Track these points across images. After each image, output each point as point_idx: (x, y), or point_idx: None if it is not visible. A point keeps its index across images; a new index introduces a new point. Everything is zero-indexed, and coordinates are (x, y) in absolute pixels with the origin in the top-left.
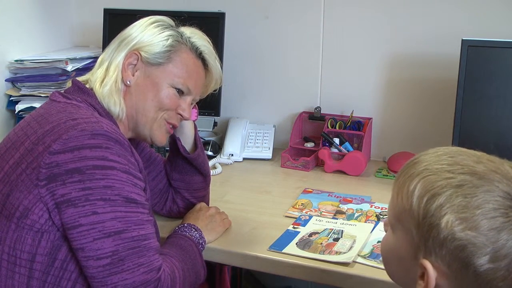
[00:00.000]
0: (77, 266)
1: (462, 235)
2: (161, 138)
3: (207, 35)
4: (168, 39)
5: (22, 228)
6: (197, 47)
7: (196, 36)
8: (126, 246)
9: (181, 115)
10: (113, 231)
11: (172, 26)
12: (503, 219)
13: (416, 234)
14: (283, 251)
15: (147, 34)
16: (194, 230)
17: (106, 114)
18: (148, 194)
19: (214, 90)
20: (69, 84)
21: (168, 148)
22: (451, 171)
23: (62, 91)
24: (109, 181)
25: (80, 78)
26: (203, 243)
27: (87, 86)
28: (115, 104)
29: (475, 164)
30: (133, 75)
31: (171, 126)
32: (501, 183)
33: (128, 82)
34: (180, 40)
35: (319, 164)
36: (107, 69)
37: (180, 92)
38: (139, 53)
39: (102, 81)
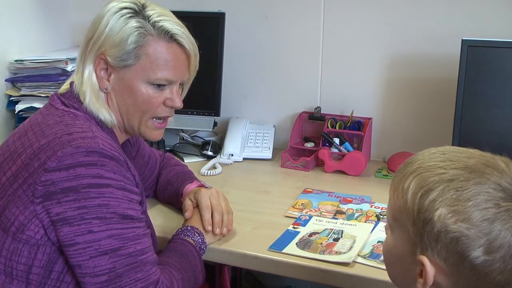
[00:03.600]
0: (73, 278)
1: (455, 227)
2: (152, 136)
3: (207, 35)
4: (130, 36)
5: (18, 241)
6: (166, 31)
7: (165, 18)
8: (123, 262)
9: (170, 106)
10: (109, 248)
11: (137, 11)
12: (495, 210)
13: (412, 231)
14: (283, 251)
15: (111, 31)
16: (196, 234)
17: (102, 123)
18: (145, 206)
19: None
20: (66, 85)
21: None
22: (443, 167)
23: (62, 94)
24: (104, 199)
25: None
26: (205, 248)
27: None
28: (102, 114)
29: (467, 159)
30: (108, 80)
31: (161, 121)
32: (492, 176)
33: (105, 90)
34: (144, 32)
35: (319, 164)
36: (82, 77)
37: (161, 85)
38: (106, 58)
39: (82, 91)
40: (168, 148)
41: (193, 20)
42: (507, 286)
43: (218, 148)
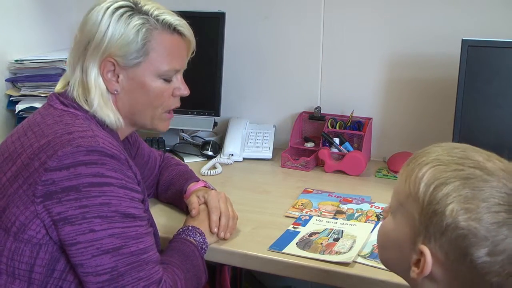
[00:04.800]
0: (76, 277)
1: (465, 225)
2: (164, 127)
3: (207, 35)
4: (138, 33)
5: (20, 241)
6: (169, 24)
7: (164, 12)
8: (125, 261)
9: (179, 95)
10: (111, 247)
11: (133, 8)
12: (506, 215)
13: (418, 220)
14: (283, 251)
15: (115, 33)
16: (198, 234)
17: (102, 123)
18: (147, 204)
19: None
20: (63, 85)
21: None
22: (461, 164)
23: (60, 94)
24: (106, 198)
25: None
26: (206, 248)
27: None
28: (109, 117)
29: (485, 161)
30: (117, 82)
31: (170, 111)
32: (508, 181)
33: (115, 92)
34: (150, 27)
35: (319, 164)
36: (84, 82)
37: (169, 76)
38: (114, 59)
39: (84, 94)
40: (168, 148)
41: (193, 20)
42: None
43: (218, 148)
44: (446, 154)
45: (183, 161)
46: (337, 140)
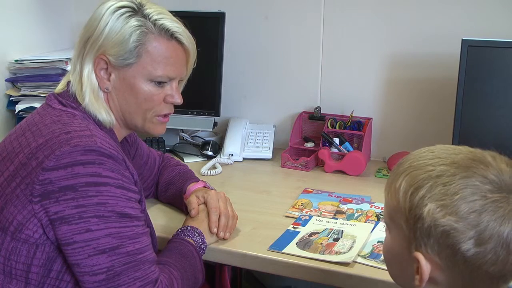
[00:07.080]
0: (73, 277)
1: (444, 221)
2: (157, 131)
3: (207, 35)
4: (132, 34)
5: (17, 241)
6: (167, 29)
7: (165, 16)
8: (121, 261)
9: (171, 102)
10: (107, 247)
11: (135, 9)
12: (482, 202)
13: (406, 229)
14: (283, 251)
15: (111, 31)
16: (196, 234)
17: (99, 122)
18: (144, 204)
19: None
20: (63, 85)
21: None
22: (431, 164)
23: (59, 94)
24: (103, 197)
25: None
26: (205, 248)
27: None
28: (101, 114)
29: (455, 156)
30: (109, 80)
31: (164, 116)
32: (478, 169)
33: (106, 90)
34: (145, 30)
35: (319, 164)
36: (80, 77)
37: (161, 82)
38: (107, 57)
39: (80, 91)
40: (168, 148)
41: (193, 20)
42: (502, 278)
43: (218, 148)
44: (417, 159)
45: (183, 161)
46: (337, 140)
